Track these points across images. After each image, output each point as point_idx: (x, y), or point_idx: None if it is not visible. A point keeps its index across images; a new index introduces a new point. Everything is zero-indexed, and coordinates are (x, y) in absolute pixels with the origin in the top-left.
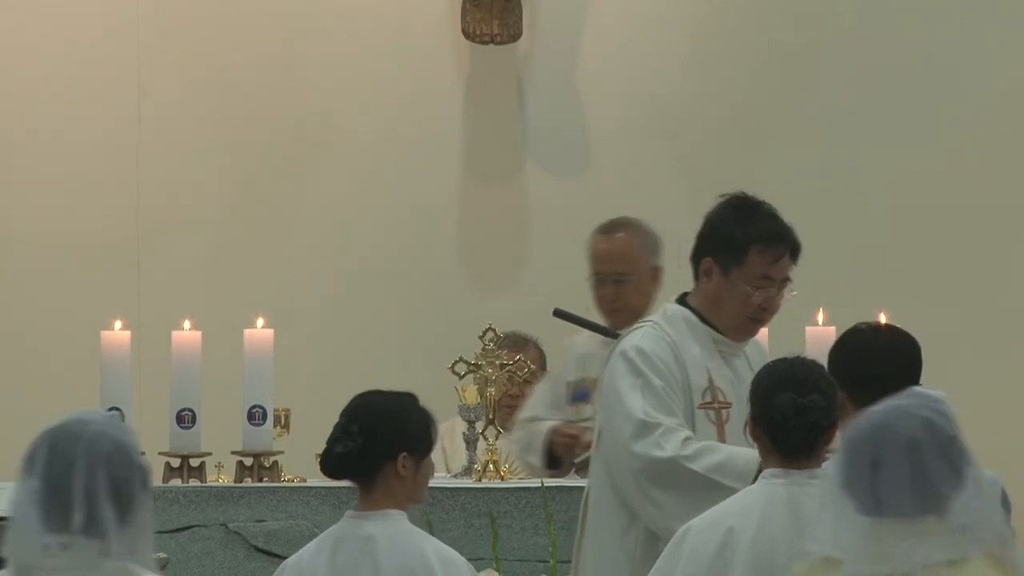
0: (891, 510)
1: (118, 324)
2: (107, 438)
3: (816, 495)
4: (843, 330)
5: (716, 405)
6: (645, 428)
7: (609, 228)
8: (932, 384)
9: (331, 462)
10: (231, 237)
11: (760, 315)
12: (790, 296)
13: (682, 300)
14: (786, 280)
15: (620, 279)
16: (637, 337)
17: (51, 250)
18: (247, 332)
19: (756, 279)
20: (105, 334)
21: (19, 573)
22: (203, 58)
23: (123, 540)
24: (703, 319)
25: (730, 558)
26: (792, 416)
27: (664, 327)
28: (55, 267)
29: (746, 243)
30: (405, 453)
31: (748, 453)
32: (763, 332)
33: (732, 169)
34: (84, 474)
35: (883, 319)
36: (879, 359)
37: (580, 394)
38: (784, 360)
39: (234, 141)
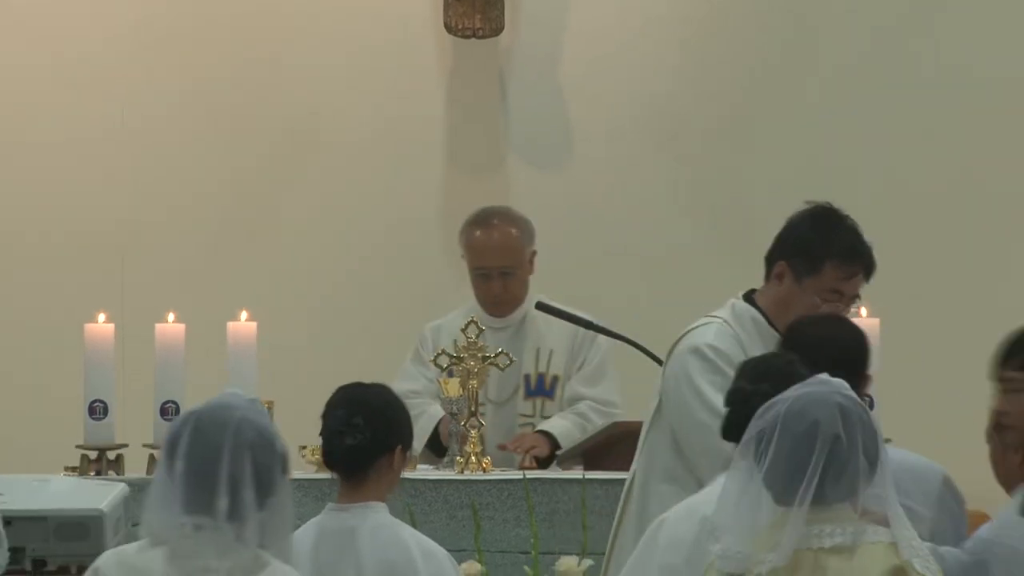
0: (804, 498)
1: (102, 317)
2: (251, 425)
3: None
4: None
5: None
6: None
7: (486, 221)
8: (927, 382)
9: (341, 454)
10: (216, 230)
11: None
12: (855, 311)
13: (749, 297)
14: (856, 297)
15: (507, 272)
16: (711, 335)
17: (35, 243)
18: (230, 325)
19: (827, 292)
20: (89, 327)
21: (167, 555)
22: (192, 57)
23: (260, 526)
24: (769, 321)
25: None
26: (739, 404)
27: (733, 325)
28: (39, 260)
29: (824, 256)
30: (400, 446)
31: None
32: None
33: (716, 163)
34: (229, 461)
35: (863, 313)
36: (819, 352)
37: None
38: (763, 354)
39: (221, 135)
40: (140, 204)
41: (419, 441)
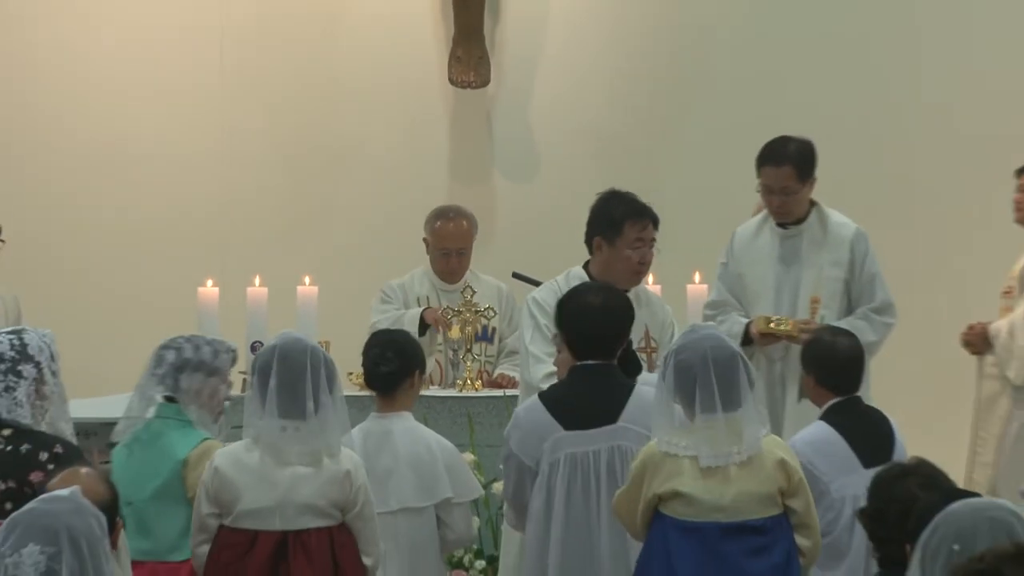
0: (716, 408)
1: (209, 282)
2: (318, 350)
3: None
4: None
5: None
6: (526, 357)
7: (448, 214)
8: None
9: (379, 377)
10: (288, 220)
11: (640, 268)
12: (657, 252)
13: (586, 265)
14: (653, 240)
15: (462, 252)
16: (540, 291)
17: (164, 228)
18: (299, 288)
19: (632, 243)
20: (201, 290)
21: (265, 449)
22: (272, 95)
23: (331, 421)
24: (592, 278)
25: None
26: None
27: (561, 284)
28: (166, 240)
29: (621, 220)
30: (417, 371)
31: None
32: (658, 288)
33: (643, 176)
34: (312, 375)
35: (697, 279)
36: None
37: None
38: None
39: (289, 159)
40: (235, 200)
41: (412, 330)
